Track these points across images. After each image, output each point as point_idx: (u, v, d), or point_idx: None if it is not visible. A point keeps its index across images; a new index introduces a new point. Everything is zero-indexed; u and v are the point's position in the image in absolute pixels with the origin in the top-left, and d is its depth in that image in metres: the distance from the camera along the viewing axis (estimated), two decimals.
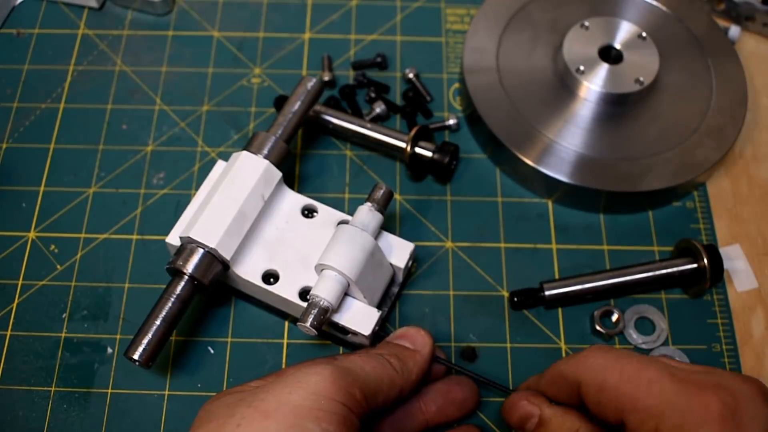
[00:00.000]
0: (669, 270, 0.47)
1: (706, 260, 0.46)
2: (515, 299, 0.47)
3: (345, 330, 0.42)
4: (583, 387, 0.35)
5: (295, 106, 0.47)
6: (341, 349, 0.46)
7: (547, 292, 0.47)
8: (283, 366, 0.45)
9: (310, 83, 0.48)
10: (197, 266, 0.42)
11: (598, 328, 0.46)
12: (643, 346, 0.46)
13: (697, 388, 0.32)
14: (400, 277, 0.45)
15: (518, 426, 0.38)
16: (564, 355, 0.46)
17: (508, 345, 0.46)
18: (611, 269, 0.48)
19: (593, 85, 0.51)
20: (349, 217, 0.45)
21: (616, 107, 0.52)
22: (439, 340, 0.46)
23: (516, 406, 0.38)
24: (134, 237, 0.49)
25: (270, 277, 0.44)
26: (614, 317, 0.47)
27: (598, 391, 0.34)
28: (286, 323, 0.47)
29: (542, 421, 0.37)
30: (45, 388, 0.44)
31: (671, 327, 0.47)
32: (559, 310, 0.48)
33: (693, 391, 0.32)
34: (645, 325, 0.47)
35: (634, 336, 0.46)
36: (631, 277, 0.47)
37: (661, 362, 0.34)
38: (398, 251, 0.44)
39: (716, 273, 0.46)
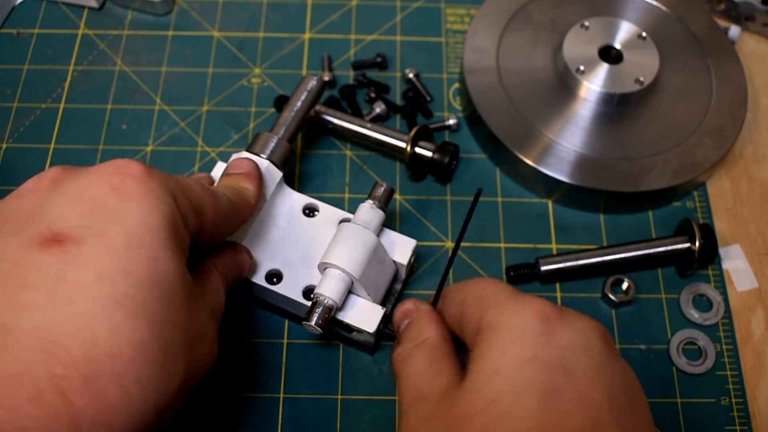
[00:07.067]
0: (664, 248, 0.48)
1: (698, 238, 0.47)
2: (511, 273, 0.48)
3: (350, 328, 0.42)
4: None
5: (297, 105, 0.47)
6: (341, 347, 0.46)
7: (542, 267, 0.47)
8: (283, 368, 0.45)
9: (312, 83, 0.48)
10: None
11: (609, 295, 0.47)
12: (707, 323, 0.47)
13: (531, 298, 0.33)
14: (403, 274, 0.45)
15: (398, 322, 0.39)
16: None
17: None
18: (607, 246, 0.49)
19: (593, 85, 0.51)
20: (350, 216, 0.45)
21: (616, 107, 0.52)
22: None
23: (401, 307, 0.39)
24: None
25: (273, 276, 0.44)
26: (625, 285, 0.48)
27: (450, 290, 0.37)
28: (286, 323, 0.47)
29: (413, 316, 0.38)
30: None
31: (671, 327, 0.47)
32: None
33: (528, 298, 0.33)
34: (702, 303, 0.48)
35: (695, 315, 0.47)
36: (626, 254, 0.48)
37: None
38: (400, 248, 0.44)
39: (709, 251, 0.47)
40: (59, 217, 0.29)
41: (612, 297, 0.47)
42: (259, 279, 0.43)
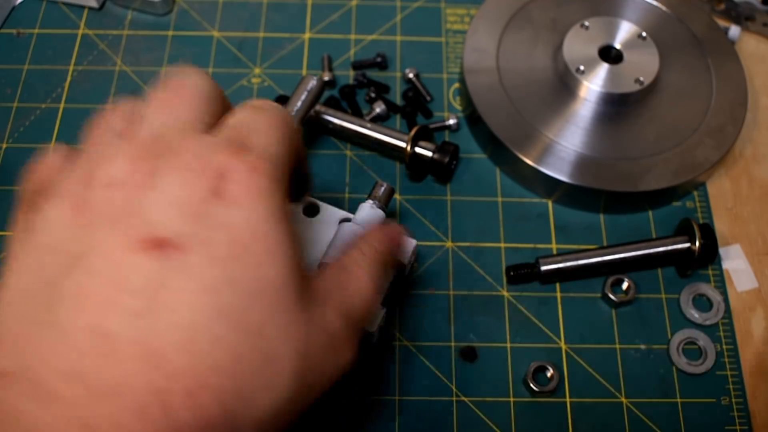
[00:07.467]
0: (664, 248, 0.48)
1: (698, 238, 0.47)
2: (511, 273, 0.48)
3: None
4: None
5: (297, 105, 0.48)
6: None
7: (542, 267, 0.47)
8: None
9: (312, 83, 0.48)
10: None
11: (609, 295, 0.47)
12: (707, 323, 0.47)
13: None
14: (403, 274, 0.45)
15: None
16: (564, 355, 0.46)
17: (508, 345, 0.46)
18: (607, 246, 0.49)
19: (593, 85, 0.52)
20: (351, 215, 0.45)
21: (616, 107, 0.52)
22: (439, 339, 0.46)
23: None
24: None
25: None
26: (625, 285, 0.48)
27: None
28: None
29: None
30: None
31: (671, 327, 0.47)
32: (560, 311, 0.48)
33: None
34: (702, 303, 0.48)
35: (695, 315, 0.47)
36: (626, 254, 0.48)
37: None
38: (400, 248, 0.44)
39: (709, 251, 0.47)
40: (160, 220, 0.27)
41: (612, 297, 0.47)
42: None
